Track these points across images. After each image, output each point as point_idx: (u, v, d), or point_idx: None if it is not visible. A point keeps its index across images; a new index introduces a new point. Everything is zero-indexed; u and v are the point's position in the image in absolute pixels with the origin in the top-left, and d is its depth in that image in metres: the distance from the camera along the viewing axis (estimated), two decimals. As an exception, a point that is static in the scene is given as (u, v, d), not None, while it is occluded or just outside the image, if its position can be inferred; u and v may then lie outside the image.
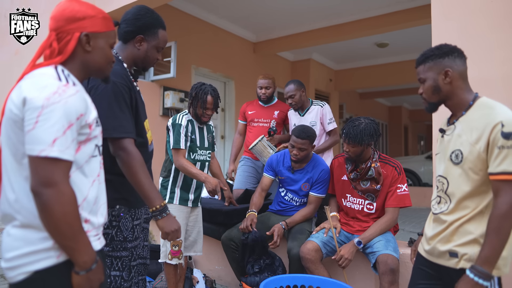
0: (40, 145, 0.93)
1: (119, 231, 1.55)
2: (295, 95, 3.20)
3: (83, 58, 1.12)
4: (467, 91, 1.41)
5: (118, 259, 1.56)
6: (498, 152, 1.24)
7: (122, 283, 1.58)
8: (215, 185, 2.32)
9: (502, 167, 1.23)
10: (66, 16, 1.09)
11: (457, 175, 1.36)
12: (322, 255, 2.35)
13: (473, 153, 1.30)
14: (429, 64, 1.42)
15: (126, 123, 1.48)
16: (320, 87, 7.70)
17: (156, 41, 1.63)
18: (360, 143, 2.25)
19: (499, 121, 1.25)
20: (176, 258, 2.41)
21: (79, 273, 1.01)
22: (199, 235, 2.60)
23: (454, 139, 1.38)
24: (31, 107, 0.94)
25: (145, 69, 1.71)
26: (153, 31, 1.61)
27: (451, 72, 1.38)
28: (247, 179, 3.48)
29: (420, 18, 4.66)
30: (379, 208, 2.39)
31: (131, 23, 1.59)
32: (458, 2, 2.16)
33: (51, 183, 0.93)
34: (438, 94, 1.42)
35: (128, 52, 1.62)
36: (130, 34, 1.59)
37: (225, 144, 5.97)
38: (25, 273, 0.98)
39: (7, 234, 1.01)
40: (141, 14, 1.60)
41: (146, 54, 1.63)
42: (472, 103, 1.38)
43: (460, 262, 1.33)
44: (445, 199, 1.41)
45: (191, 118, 2.51)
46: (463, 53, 1.44)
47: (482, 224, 1.30)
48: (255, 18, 5.62)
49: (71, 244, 0.98)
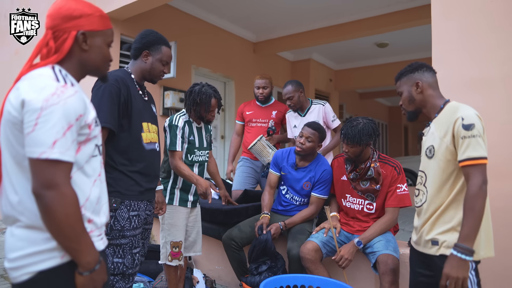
0: (40, 148, 0.93)
1: (116, 220, 1.74)
2: (294, 96, 3.12)
3: (80, 57, 1.12)
4: (438, 98, 1.65)
5: (118, 247, 1.75)
6: (462, 142, 1.45)
7: (124, 270, 1.75)
8: (205, 188, 2.31)
9: (467, 154, 1.43)
10: (62, 14, 1.08)
11: (431, 167, 1.58)
12: (322, 255, 2.35)
13: (442, 146, 1.53)
14: (404, 79, 1.70)
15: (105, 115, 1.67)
16: (320, 87, 7.70)
17: (160, 55, 1.92)
18: (358, 143, 2.25)
19: (460, 116, 1.47)
20: (176, 260, 2.41)
21: (83, 274, 1.01)
22: (198, 235, 2.60)
23: (429, 137, 1.63)
24: (29, 109, 0.94)
25: (153, 81, 1.98)
26: (157, 47, 1.91)
27: (421, 83, 1.64)
28: (246, 179, 3.47)
29: (420, 18, 4.66)
30: (379, 208, 2.39)
31: (138, 41, 1.92)
32: (458, 2, 2.16)
33: (53, 185, 0.93)
34: (413, 103, 1.68)
35: (136, 66, 1.93)
36: (138, 50, 1.91)
37: (225, 144, 5.97)
38: (29, 273, 0.98)
39: (11, 234, 1.01)
40: (147, 34, 1.93)
41: (152, 66, 1.92)
42: (443, 106, 1.61)
43: (440, 249, 1.50)
44: (423, 191, 1.62)
45: (188, 119, 2.49)
46: (431, 67, 1.69)
47: (458, 213, 1.48)
48: (255, 18, 5.61)
49: (74, 245, 0.98)
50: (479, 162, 1.42)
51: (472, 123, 1.45)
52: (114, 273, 1.73)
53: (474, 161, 1.42)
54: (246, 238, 2.66)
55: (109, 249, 1.72)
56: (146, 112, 1.90)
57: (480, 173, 1.41)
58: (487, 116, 2.02)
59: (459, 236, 1.41)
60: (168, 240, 2.40)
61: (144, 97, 1.93)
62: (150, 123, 1.91)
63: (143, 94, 1.93)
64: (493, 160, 1.98)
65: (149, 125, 1.89)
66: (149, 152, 1.87)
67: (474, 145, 1.43)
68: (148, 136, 1.87)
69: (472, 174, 1.42)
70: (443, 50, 2.19)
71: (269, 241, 2.48)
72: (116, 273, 1.73)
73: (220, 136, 5.96)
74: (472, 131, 1.44)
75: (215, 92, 2.48)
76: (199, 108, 2.43)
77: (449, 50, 2.17)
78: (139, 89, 1.90)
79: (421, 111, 1.67)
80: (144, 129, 1.85)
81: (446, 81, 2.17)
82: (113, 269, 1.72)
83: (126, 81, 1.81)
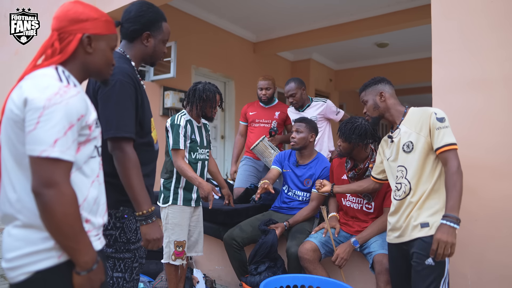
0: (41, 146, 0.93)
1: (123, 232, 1.56)
2: (296, 93, 3.19)
3: (83, 60, 1.13)
4: (399, 105, 1.94)
5: (121, 261, 1.56)
6: (438, 132, 1.70)
7: (124, 284, 1.58)
8: (208, 192, 2.31)
9: (445, 141, 1.68)
10: (69, 17, 1.10)
11: (411, 160, 1.78)
12: (321, 255, 2.35)
13: (420, 139, 1.76)
14: (369, 90, 1.97)
15: (129, 123, 1.47)
16: (320, 87, 7.70)
17: (162, 35, 1.65)
18: (348, 141, 2.29)
19: (432, 111, 1.75)
20: (179, 259, 2.42)
21: (80, 274, 1.01)
22: (200, 236, 2.60)
23: (403, 136, 1.83)
24: (32, 107, 0.95)
25: (154, 64, 1.73)
26: (157, 25, 1.63)
27: (384, 93, 1.93)
28: (248, 178, 3.49)
29: (420, 18, 4.66)
30: (377, 207, 2.39)
31: (136, 20, 1.59)
32: (458, 2, 2.16)
33: (52, 183, 0.93)
34: (377, 110, 1.94)
35: (136, 50, 1.63)
36: (136, 32, 1.60)
37: (225, 144, 5.97)
38: (26, 273, 0.98)
39: (8, 234, 1.01)
40: (144, 11, 1.60)
41: (154, 49, 1.65)
42: (406, 111, 1.88)
43: (431, 229, 1.69)
44: (405, 183, 1.80)
45: (189, 118, 2.51)
46: (389, 81, 1.99)
47: (441, 197, 1.71)
48: (255, 18, 5.61)
49: (72, 245, 0.98)
50: (454, 147, 1.68)
51: (443, 117, 1.72)
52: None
53: (451, 146, 1.68)
54: (247, 238, 2.67)
55: (108, 262, 1.56)
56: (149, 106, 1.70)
57: (456, 156, 1.67)
58: (487, 116, 2.02)
59: (445, 208, 1.63)
60: (172, 240, 2.41)
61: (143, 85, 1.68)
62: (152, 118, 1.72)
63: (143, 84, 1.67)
64: (493, 160, 1.99)
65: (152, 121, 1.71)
66: (156, 152, 1.75)
67: (449, 134, 1.70)
68: (154, 135, 1.73)
69: (449, 158, 1.67)
70: (443, 50, 2.19)
71: (274, 245, 2.50)
72: None
73: (220, 136, 5.96)
74: (445, 123, 1.71)
75: (217, 88, 2.56)
76: (205, 104, 2.47)
77: (449, 50, 2.17)
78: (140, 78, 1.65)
79: (383, 117, 1.94)
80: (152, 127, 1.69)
81: (446, 81, 2.17)
82: (111, 284, 1.55)
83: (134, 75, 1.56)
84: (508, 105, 1.98)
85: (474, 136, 2.04)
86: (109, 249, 1.54)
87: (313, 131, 2.74)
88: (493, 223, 1.96)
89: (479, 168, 2.01)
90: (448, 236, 1.57)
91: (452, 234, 1.58)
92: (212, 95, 2.48)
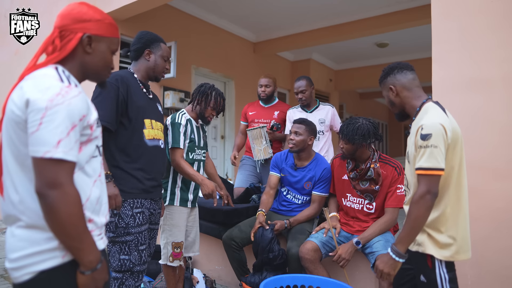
0: (44, 147, 0.93)
1: (121, 218, 1.78)
2: (307, 90, 3.23)
3: (82, 59, 1.13)
4: (415, 99, 1.63)
5: (124, 244, 1.77)
6: (419, 151, 1.47)
7: (131, 266, 1.77)
8: (211, 189, 2.30)
9: (419, 164, 1.46)
10: (73, 15, 1.11)
11: (409, 171, 1.62)
12: (321, 255, 2.35)
13: (412, 151, 1.55)
14: (381, 86, 1.74)
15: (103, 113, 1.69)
16: (320, 87, 7.70)
17: (161, 51, 1.99)
18: (351, 142, 2.27)
19: (421, 124, 1.48)
20: (177, 260, 2.41)
21: (85, 273, 1.01)
22: (197, 236, 2.60)
23: (409, 140, 1.63)
24: (34, 108, 0.94)
25: (158, 79, 2.03)
26: (156, 44, 1.98)
27: (393, 87, 1.66)
28: (248, 177, 3.49)
29: (420, 18, 4.67)
30: (378, 208, 2.39)
31: (137, 42, 1.97)
32: (458, 2, 2.16)
33: (56, 184, 0.94)
34: (395, 106, 1.70)
35: (139, 65, 1.97)
36: (139, 51, 1.96)
37: (225, 144, 5.98)
38: (30, 273, 0.98)
39: (11, 234, 1.01)
40: (144, 34, 2.00)
41: (155, 63, 1.97)
42: (419, 109, 1.61)
43: (414, 246, 1.56)
44: (407, 191, 1.66)
45: (189, 118, 2.50)
46: (403, 67, 1.67)
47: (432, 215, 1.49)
48: (255, 18, 5.62)
49: (77, 245, 0.98)
50: (428, 172, 1.43)
51: (429, 133, 1.44)
52: (121, 270, 1.76)
53: (424, 171, 1.44)
54: (247, 238, 2.66)
55: (115, 246, 1.76)
56: (149, 110, 1.94)
57: (426, 183, 1.43)
58: (487, 116, 2.03)
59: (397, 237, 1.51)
60: (169, 241, 2.40)
61: (149, 95, 1.97)
62: (154, 120, 1.94)
63: (147, 92, 1.97)
64: (493, 160, 1.99)
65: (152, 122, 1.92)
66: (151, 148, 1.90)
67: (428, 155, 1.43)
68: (151, 133, 1.90)
69: (419, 183, 1.46)
70: (443, 50, 2.19)
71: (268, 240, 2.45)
72: (123, 270, 1.76)
73: (220, 136, 5.96)
74: (427, 141, 1.44)
75: (223, 94, 2.58)
76: (208, 101, 2.47)
77: (449, 50, 2.17)
78: (143, 87, 1.95)
79: (406, 111, 1.68)
80: (146, 125, 1.88)
81: (446, 81, 2.17)
82: (120, 266, 1.75)
83: (127, 80, 1.85)
84: (507, 105, 1.99)
85: (474, 136, 2.04)
86: (112, 234, 1.77)
87: (312, 134, 2.68)
88: (493, 223, 1.96)
89: (479, 168, 2.01)
90: (385, 265, 1.50)
91: (390, 265, 1.49)
92: (217, 96, 2.50)
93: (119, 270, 1.76)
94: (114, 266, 1.77)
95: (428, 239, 1.52)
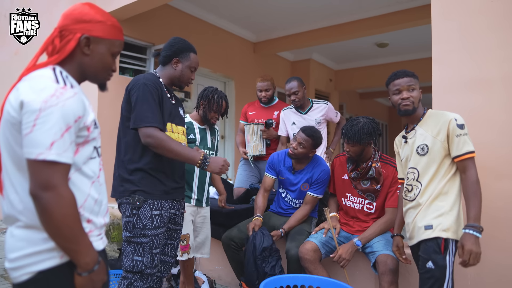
0: (37, 149, 0.93)
1: (139, 219, 1.76)
2: (299, 91, 3.16)
3: (80, 60, 1.12)
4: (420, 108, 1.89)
5: (139, 245, 1.76)
6: (458, 139, 1.70)
7: (143, 269, 1.76)
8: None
9: (465, 149, 1.69)
10: (74, 16, 1.10)
11: (424, 163, 1.78)
12: (321, 255, 2.35)
13: (436, 143, 1.75)
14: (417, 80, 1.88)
15: (151, 115, 1.73)
16: (320, 87, 7.70)
17: (189, 62, 1.96)
18: (359, 142, 2.26)
19: (453, 117, 1.74)
20: (185, 254, 2.45)
21: (81, 275, 1.01)
22: (207, 238, 2.62)
23: (418, 138, 1.83)
24: (28, 110, 0.94)
25: (181, 87, 2.02)
26: (186, 54, 1.96)
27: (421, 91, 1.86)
28: (247, 178, 3.49)
29: (420, 18, 4.66)
30: (378, 208, 2.39)
31: (168, 49, 1.96)
32: (458, 2, 2.16)
33: (50, 186, 0.93)
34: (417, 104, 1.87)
35: (166, 72, 1.97)
36: (168, 58, 1.95)
37: (225, 144, 5.98)
38: (29, 274, 0.98)
39: (10, 235, 1.01)
40: (176, 42, 1.98)
41: (182, 73, 1.96)
42: (425, 112, 1.86)
43: (434, 232, 1.69)
44: (417, 185, 1.80)
45: (190, 120, 2.58)
46: None
47: (447, 201, 1.72)
48: (255, 18, 5.61)
49: (72, 246, 0.98)
50: (474, 155, 1.70)
51: (463, 123, 1.72)
52: (133, 271, 1.76)
53: (471, 154, 1.69)
54: (246, 238, 2.66)
55: (130, 246, 1.77)
56: (173, 114, 1.95)
57: (474, 165, 1.70)
58: (486, 116, 2.03)
59: (468, 217, 1.63)
60: None
61: (172, 100, 1.97)
62: (175, 124, 1.95)
63: (171, 97, 1.97)
64: (493, 160, 1.99)
65: (173, 126, 1.92)
66: None
67: (468, 141, 1.70)
68: (171, 136, 1.88)
69: (469, 166, 1.69)
70: (443, 50, 2.19)
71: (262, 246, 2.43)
72: (135, 271, 1.75)
73: (220, 136, 5.96)
74: (464, 130, 1.71)
75: (226, 97, 2.64)
76: (211, 105, 2.52)
77: (449, 50, 2.17)
78: (167, 92, 1.96)
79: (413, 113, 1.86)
80: (167, 129, 1.87)
81: (445, 81, 2.17)
82: (132, 267, 1.75)
83: (160, 84, 1.89)
84: (507, 105, 1.99)
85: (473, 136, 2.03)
86: (129, 234, 1.77)
87: (315, 148, 2.64)
88: (494, 223, 1.96)
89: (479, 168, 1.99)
90: (477, 246, 1.58)
91: (478, 243, 1.59)
92: (219, 99, 2.55)
93: (131, 271, 1.76)
94: (126, 266, 1.76)
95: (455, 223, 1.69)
